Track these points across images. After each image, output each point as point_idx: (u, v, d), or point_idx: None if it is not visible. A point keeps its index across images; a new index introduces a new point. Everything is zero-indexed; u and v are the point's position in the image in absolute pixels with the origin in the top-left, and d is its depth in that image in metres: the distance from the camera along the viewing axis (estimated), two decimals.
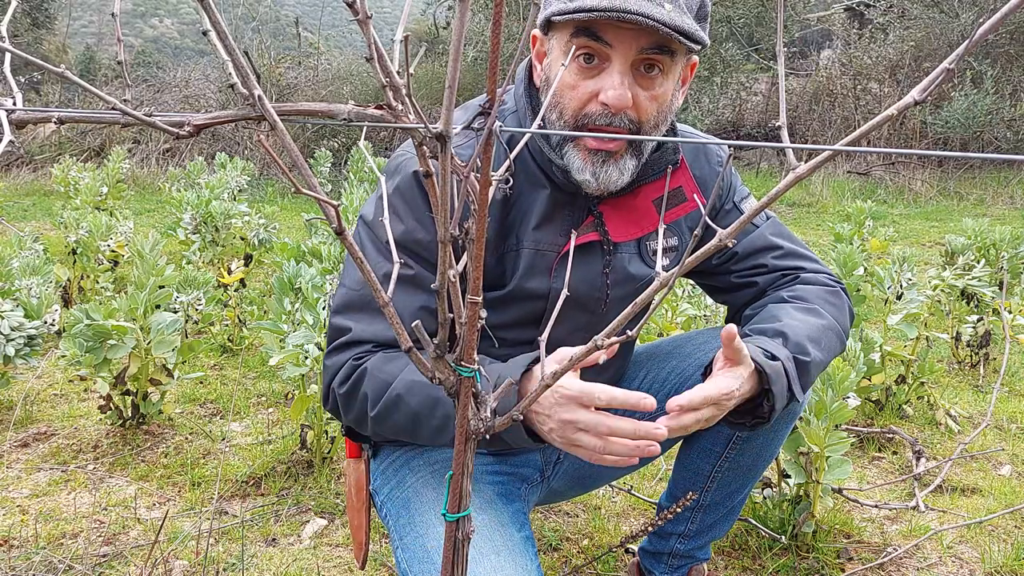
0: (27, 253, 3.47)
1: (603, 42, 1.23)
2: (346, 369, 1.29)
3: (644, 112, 1.27)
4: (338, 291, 1.37)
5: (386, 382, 1.24)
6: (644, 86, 1.26)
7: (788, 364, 1.27)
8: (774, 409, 1.26)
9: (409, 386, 1.22)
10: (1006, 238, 3.83)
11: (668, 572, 1.74)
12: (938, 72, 0.66)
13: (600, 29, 1.22)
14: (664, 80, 1.28)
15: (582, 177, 1.31)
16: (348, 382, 1.28)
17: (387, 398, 1.24)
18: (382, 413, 1.25)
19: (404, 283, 1.30)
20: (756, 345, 1.27)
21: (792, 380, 1.28)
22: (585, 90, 1.26)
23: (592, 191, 1.33)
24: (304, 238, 4.89)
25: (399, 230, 1.31)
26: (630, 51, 1.23)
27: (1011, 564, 2.00)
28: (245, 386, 3.14)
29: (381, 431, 1.30)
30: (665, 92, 1.29)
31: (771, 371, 1.24)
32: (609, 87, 1.24)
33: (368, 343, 1.29)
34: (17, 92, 0.84)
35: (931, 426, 2.84)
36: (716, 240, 0.74)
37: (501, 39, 0.65)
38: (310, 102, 0.80)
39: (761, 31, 11.67)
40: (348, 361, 1.29)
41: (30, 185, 8.82)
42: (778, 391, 1.25)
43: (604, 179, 1.30)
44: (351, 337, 1.30)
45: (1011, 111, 9.58)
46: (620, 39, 1.22)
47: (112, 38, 0.84)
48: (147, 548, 1.98)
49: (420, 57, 0.68)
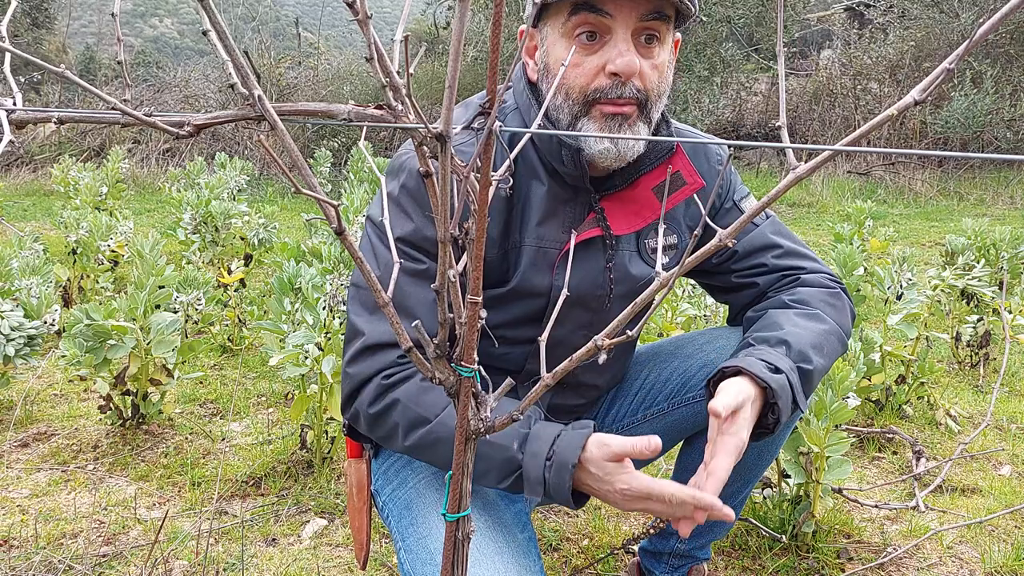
0: (27, 253, 3.47)
1: (603, 13, 1.25)
2: (374, 389, 1.27)
3: (648, 80, 1.29)
4: (350, 290, 1.38)
5: (423, 419, 1.24)
6: (645, 55, 1.29)
7: (792, 376, 1.28)
8: (779, 422, 1.27)
9: (452, 434, 1.21)
10: (1006, 238, 3.82)
11: (668, 572, 1.74)
12: (938, 72, 0.66)
13: (599, 1, 1.24)
14: (661, 49, 1.31)
15: (600, 147, 1.31)
16: (377, 405, 1.27)
17: (424, 437, 1.24)
18: (418, 447, 1.26)
19: (419, 277, 1.30)
20: (759, 357, 1.28)
21: (796, 391, 1.29)
22: (590, 65, 1.28)
23: (610, 162, 1.34)
24: (304, 238, 4.89)
25: (409, 228, 1.31)
26: (630, 19, 1.25)
27: (1011, 564, 2.00)
28: (245, 386, 3.14)
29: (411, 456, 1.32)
30: (663, 62, 1.31)
31: (776, 386, 1.24)
32: (616, 56, 1.26)
33: (387, 347, 1.28)
34: (17, 92, 0.84)
35: (931, 426, 2.84)
36: (716, 240, 0.74)
37: (501, 39, 0.65)
38: (310, 102, 0.80)
39: (761, 31, 11.67)
40: (375, 379, 1.27)
41: (30, 185, 8.82)
42: (783, 405, 1.26)
43: (623, 145, 1.31)
44: (367, 341, 1.29)
45: (1011, 111, 9.57)
46: (620, 8, 1.25)
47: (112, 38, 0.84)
48: (147, 548, 1.98)
49: (420, 57, 0.68)
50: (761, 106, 11.75)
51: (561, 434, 1.19)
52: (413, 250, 1.31)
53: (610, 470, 1.16)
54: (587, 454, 1.17)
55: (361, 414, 1.30)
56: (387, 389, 1.26)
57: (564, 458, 1.16)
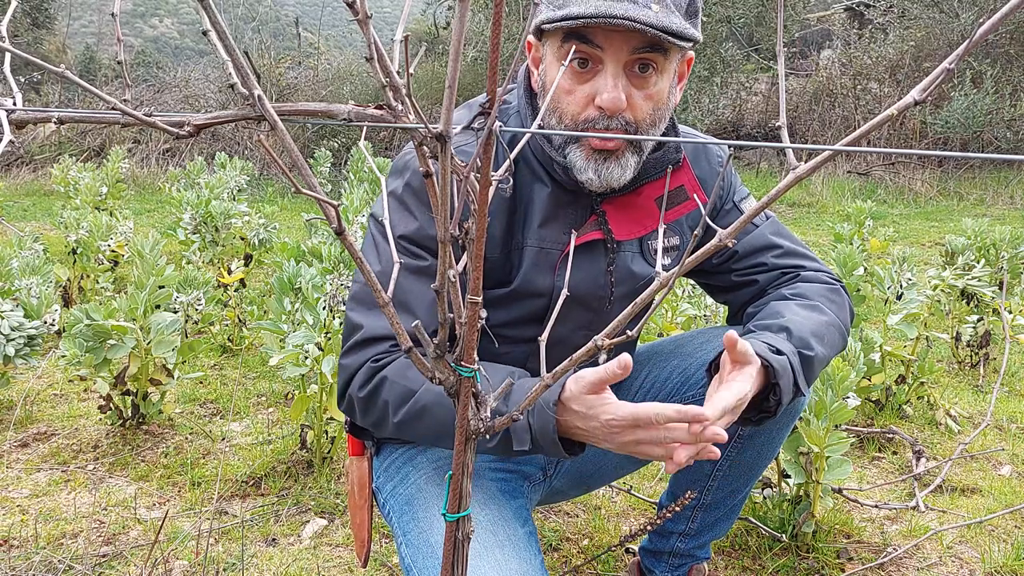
0: (27, 253, 3.47)
1: (594, 45, 1.24)
2: (364, 373, 1.28)
3: (639, 112, 1.28)
4: (352, 286, 1.38)
5: (409, 390, 1.23)
6: (639, 86, 1.27)
7: (793, 359, 1.28)
8: (780, 403, 1.27)
9: (436, 399, 1.22)
10: (1006, 238, 3.82)
11: (668, 571, 1.74)
12: (938, 72, 0.66)
13: (590, 33, 1.23)
14: (659, 78, 1.28)
15: (584, 176, 1.31)
16: (367, 387, 1.27)
17: (411, 408, 1.24)
18: (406, 421, 1.25)
19: (421, 274, 1.30)
20: (761, 340, 1.28)
21: (797, 374, 1.28)
22: (581, 94, 1.27)
23: (595, 189, 1.34)
24: (304, 238, 4.89)
25: (412, 226, 1.31)
26: (621, 53, 1.24)
27: (1011, 564, 2.00)
28: (245, 386, 3.14)
29: (402, 436, 1.31)
30: (660, 91, 1.29)
31: (778, 366, 1.24)
32: (603, 90, 1.25)
33: (382, 340, 1.29)
34: (17, 92, 0.84)
35: (931, 426, 2.84)
36: (716, 240, 0.74)
37: (501, 39, 0.65)
38: (310, 102, 0.81)
39: (761, 31, 11.67)
40: (366, 364, 1.28)
41: (30, 185, 8.82)
42: (784, 385, 1.25)
43: (606, 176, 1.31)
44: (364, 335, 1.29)
45: (1011, 111, 9.57)
46: (610, 42, 1.23)
47: (112, 38, 0.84)
48: (147, 548, 1.98)
49: (420, 57, 0.68)
50: (761, 106, 11.75)
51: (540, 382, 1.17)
52: (416, 247, 1.31)
53: (591, 403, 1.13)
54: (567, 393, 1.15)
55: (354, 400, 1.30)
56: (376, 371, 1.27)
57: (545, 398, 1.15)
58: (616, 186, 1.34)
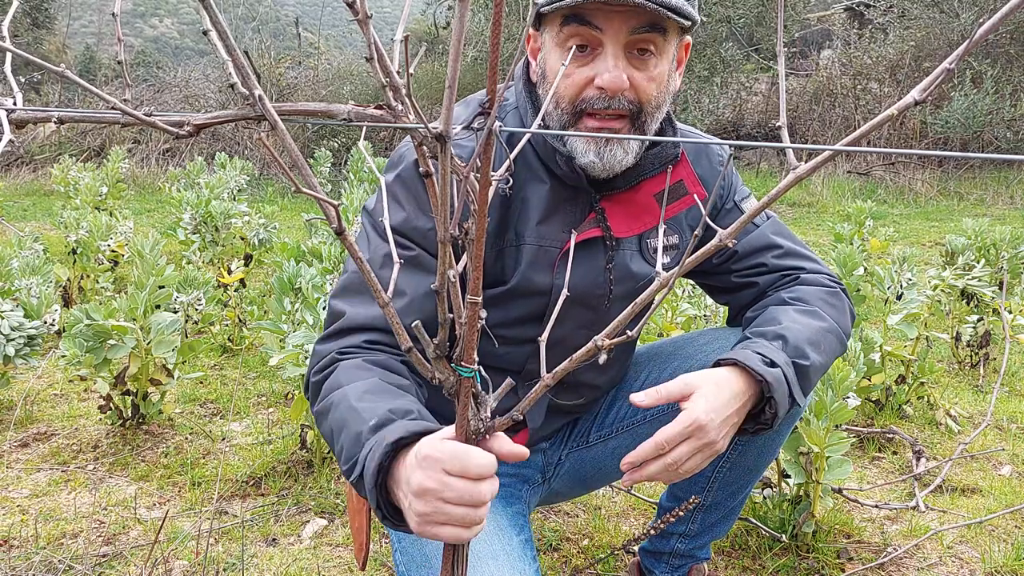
0: (27, 253, 3.47)
1: (593, 26, 1.24)
2: (327, 360, 1.24)
3: (643, 92, 1.28)
4: (339, 277, 1.37)
5: (339, 385, 1.17)
6: (639, 67, 1.27)
7: (788, 370, 1.27)
8: (776, 416, 1.27)
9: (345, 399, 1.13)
10: (1006, 238, 3.83)
11: (669, 571, 1.74)
12: (938, 72, 0.66)
13: (590, 14, 1.23)
14: (659, 61, 1.29)
15: (586, 160, 1.31)
16: (321, 373, 1.23)
17: (326, 400, 1.18)
18: (319, 412, 1.20)
19: (409, 265, 1.29)
20: (754, 351, 1.28)
21: (792, 385, 1.28)
22: (580, 76, 1.27)
23: (598, 173, 1.33)
24: (304, 238, 4.89)
25: (400, 217, 1.31)
26: (621, 33, 1.24)
27: (1011, 564, 2.00)
28: (245, 386, 3.14)
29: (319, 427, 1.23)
30: (661, 73, 1.29)
31: (772, 379, 1.24)
32: (604, 70, 1.25)
33: (360, 330, 1.26)
34: (17, 92, 0.84)
35: (931, 426, 2.84)
36: (716, 240, 0.74)
37: (501, 39, 0.65)
38: (310, 102, 0.81)
39: (761, 31, 11.67)
40: (332, 352, 1.24)
41: (30, 185, 8.82)
42: (779, 398, 1.25)
43: (609, 159, 1.31)
44: (345, 323, 1.27)
45: (1011, 111, 9.57)
46: (610, 22, 1.23)
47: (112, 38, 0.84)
48: (147, 548, 1.98)
49: (420, 57, 0.68)
50: (761, 106, 11.74)
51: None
52: (402, 238, 1.30)
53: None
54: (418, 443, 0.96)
55: (309, 384, 1.26)
56: (336, 361, 1.23)
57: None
58: (619, 169, 1.33)
